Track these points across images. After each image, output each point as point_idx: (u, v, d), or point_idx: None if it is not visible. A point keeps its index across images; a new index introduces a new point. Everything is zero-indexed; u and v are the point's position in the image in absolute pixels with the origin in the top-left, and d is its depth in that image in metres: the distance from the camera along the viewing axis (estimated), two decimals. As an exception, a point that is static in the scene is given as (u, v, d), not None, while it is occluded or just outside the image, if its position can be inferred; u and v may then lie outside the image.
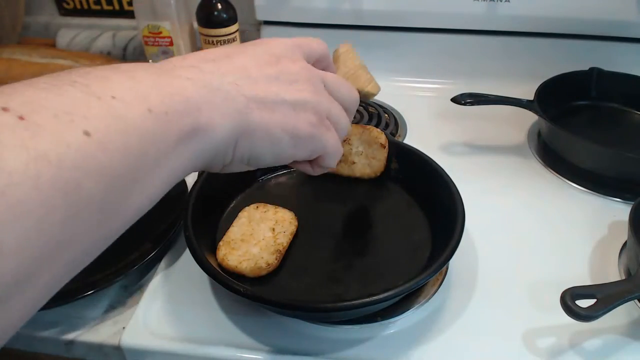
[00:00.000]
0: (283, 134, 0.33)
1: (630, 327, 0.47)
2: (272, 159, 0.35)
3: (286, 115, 0.34)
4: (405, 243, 0.53)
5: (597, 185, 0.64)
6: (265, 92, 0.33)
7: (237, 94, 0.31)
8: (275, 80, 0.34)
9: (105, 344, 0.48)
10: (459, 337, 0.47)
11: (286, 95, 0.34)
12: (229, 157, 0.32)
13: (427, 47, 0.87)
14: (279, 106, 0.33)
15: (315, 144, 0.36)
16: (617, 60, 0.79)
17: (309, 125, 0.35)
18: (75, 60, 0.86)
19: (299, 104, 0.34)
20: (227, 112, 0.30)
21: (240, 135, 0.31)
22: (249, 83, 0.32)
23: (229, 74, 0.32)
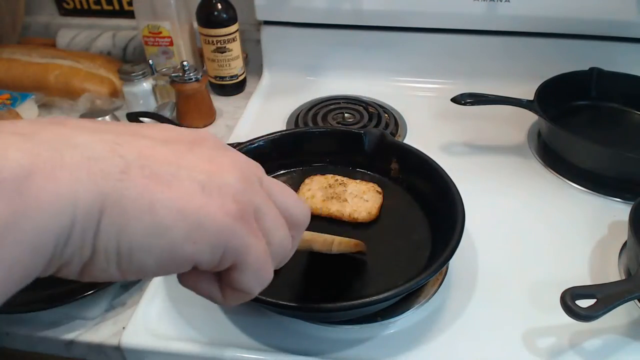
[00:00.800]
0: (176, 219, 0.22)
1: (630, 327, 0.47)
2: (155, 256, 0.22)
3: (188, 194, 0.22)
4: (405, 243, 0.53)
5: (597, 185, 0.64)
6: (163, 159, 0.22)
7: (111, 154, 0.21)
8: (186, 152, 0.24)
9: (105, 344, 0.48)
10: (459, 337, 0.47)
11: (198, 169, 0.23)
12: (87, 249, 0.21)
13: (427, 47, 0.87)
14: (180, 181, 0.22)
15: (229, 242, 0.24)
16: (617, 60, 0.79)
17: (223, 214, 0.23)
18: (75, 60, 0.86)
19: (213, 184, 0.23)
20: (85, 176, 0.20)
21: (103, 211, 0.20)
22: (138, 145, 0.22)
23: (108, 132, 0.22)
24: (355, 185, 0.59)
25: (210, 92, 0.85)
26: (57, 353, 0.50)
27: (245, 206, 0.24)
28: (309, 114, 0.80)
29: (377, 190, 0.58)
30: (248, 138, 0.61)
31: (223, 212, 0.23)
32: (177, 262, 0.23)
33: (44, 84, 0.84)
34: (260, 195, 0.26)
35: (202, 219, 0.22)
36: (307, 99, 0.85)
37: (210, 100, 0.82)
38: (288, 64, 0.91)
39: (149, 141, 0.23)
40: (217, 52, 0.83)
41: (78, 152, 0.20)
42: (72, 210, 0.19)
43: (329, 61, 0.91)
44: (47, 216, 0.19)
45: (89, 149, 0.20)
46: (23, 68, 0.86)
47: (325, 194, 0.58)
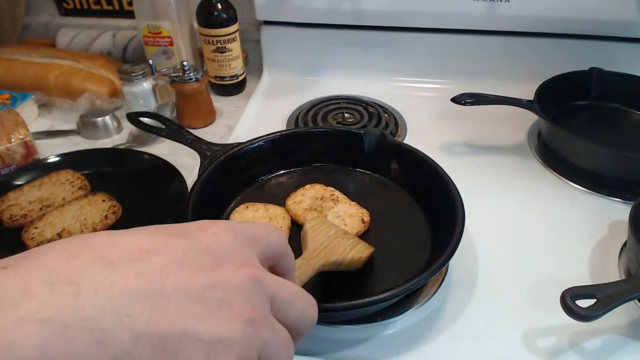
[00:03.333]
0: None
1: (630, 327, 0.47)
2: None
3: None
4: (405, 243, 0.53)
5: (597, 185, 0.64)
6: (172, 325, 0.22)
7: (122, 332, 0.20)
8: (198, 301, 0.23)
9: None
10: (459, 337, 0.47)
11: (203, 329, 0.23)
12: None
13: (427, 47, 0.87)
14: (186, 349, 0.22)
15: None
16: (617, 60, 0.79)
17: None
18: (75, 60, 0.86)
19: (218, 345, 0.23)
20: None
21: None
22: (151, 307, 0.22)
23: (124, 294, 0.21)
24: (347, 206, 0.56)
25: (210, 92, 0.85)
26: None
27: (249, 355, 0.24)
28: (309, 114, 0.80)
29: (362, 219, 0.55)
30: (248, 138, 0.61)
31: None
32: None
33: (44, 84, 0.84)
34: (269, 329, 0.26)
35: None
36: (307, 99, 0.85)
37: (210, 100, 0.82)
38: (288, 64, 0.91)
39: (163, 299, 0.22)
40: (217, 52, 0.83)
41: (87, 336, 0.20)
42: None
43: (329, 61, 0.91)
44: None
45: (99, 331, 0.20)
46: (23, 68, 0.86)
47: (312, 204, 0.56)
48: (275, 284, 0.27)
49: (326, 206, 0.56)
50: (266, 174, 0.62)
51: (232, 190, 0.59)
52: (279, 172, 0.63)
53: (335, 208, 0.56)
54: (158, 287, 0.22)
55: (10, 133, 0.69)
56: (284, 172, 0.63)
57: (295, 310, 0.28)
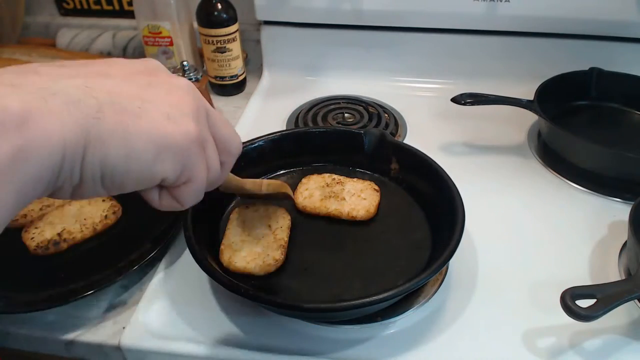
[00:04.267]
0: (147, 144, 0.26)
1: (630, 327, 0.47)
2: (132, 177, 0.27)
3: (156, 122, 0.27)
4: (406, 243, 0.53)
5: (597, 185, 0.64)
6: (130, 95, 0.27)
7: (85, 96, 0.25)
8: (147, 86, 0.28)
9: (105, 344, 0.48)
10: (459, 337, 0.47)
11: (159, 101, 0.28)
12: (76, 177, 0.25)
13: (427, 47, 0.87)
14: (146, 112, 0.27)
15: (189, 161, 0.29)
16: (617, 60, 0.79)
17: (186, 136, 0.28)
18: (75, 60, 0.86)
19: (176, 112, 0.28)
20: (69, 119, 0.24)
21: (88, 146, 0.25)
22: (107, 86, 0.26)
23: (77, 77, 0.26)
24: (353, 183, 0.59)
25: (210, 92, 0.85)
26: (57, 353, 0.50)
27: (199, 133, 0.29)
28: (309, 114, 0.80)
29: (374, 188, 0.58)
30: (248, 138, 0.61)
31: (185, 137, 0.28)
32: (149, 179, 0.28)
33: (44, 84, 0.84)
34: (206, 127, 0.31)
35: (168, 142, 0.27)
36: (307, 99, 0.85)
37: (210, 100, 0.82)
38: (288, 64, 0.91)
39: (114, 80, 0.27)
40: (217, 52, 0.83)
41: (58, 99, 0.24)
42: (62, 147, 0.23)
43: (329, 61, 0.91)
44: (44, 153, 0.23)
45: (66, 95, 0.24)
46: (23, 68, 0.86)
47: (323, 193, 0.58)
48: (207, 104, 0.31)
49: (337, 189, 0.58)
50: (266, 174, 0.62)
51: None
52: (279, 172, 0.63)
53: (345, 188, 0.58)
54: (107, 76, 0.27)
55: (10, 133, 0.69)
56: (284, 172, 0.63)
57: (226, 128, 0.33)
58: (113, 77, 0.27)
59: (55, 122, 0.23)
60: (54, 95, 0.24)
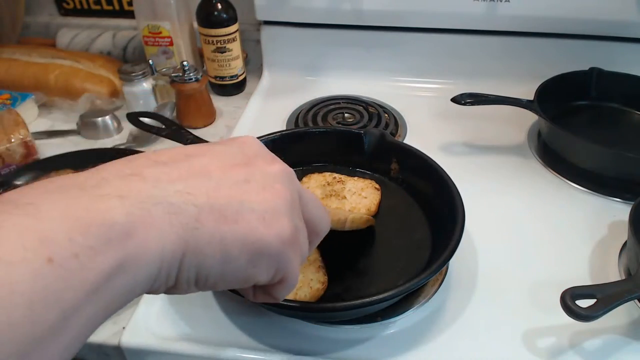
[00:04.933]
0: (241, 250, 0.26)
1: (630, 327, 0.47)
2: (226, 281, 0.27)
3: (251, 227, 0.27)
4: (405, 243, 0.53)
5: (597, 185, 0.64)
6: (227, 199, 0.26)
7: (186, 205, 0.25)
8: (243, 184, 0.28)
9: (105, 344, 0.48)
10: (459, 337, 0.47)
11: (255, 201, 0.27)
12: (171, 281, 0.26)
13: (427, 47, 0.87)
14: (242, 216, 0.26)
15: (283, 264, 0.29)
16: (617, 60, 0.79)
17: (280, 240, 0.28)
18: (75, 60, 0.86)
19: (271, 212, 0.27)
20: (170, 230, 0.24)
21: (186, 254, 0.25)
22: (206, 189, 0.26)
23: (179, 180, 0.26)
24: (353, 182, 0.59)
25: (210, 92, 0.85)
26: (57, 353, 0.50)
27: (294, 231, 0.29)
28: (309, 114, 0.80)
29: (375, 187, 0.58)
30: (248, 138, 0.61)
31: (279, 240, 0.27)
32: (242, 281, 0.28)
33: (44, 84, 0.84)
34: (300, 214, 0.31)
35: (262, 247, 0.27)
36: (307, 99, 0.85)
37: (210, 100, 0.82)
38: (288, 64, 0.91)
39: (212, 181, 0.27)
40: (217, 52, 0.83)
41: (160, 209, 0.24)
42: (160, 258, 0.24)
43: (329, 61, 0.91)
44: (143, 267, 0.23)
45: (168, 205, 0.24)
46: (23, 68, 0.86)
47: (324, 192, 0.58)
48: (299, 185, 0.32)
49: (338, 188, 0.58)
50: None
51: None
52: (279, 172, 0.63)
53: (346, 187, 0.58)
54: (207, 175, 0.27)
55: (10, 133, 0.69)
56: (284, 172, 0.63)
57: (317, 210, 0.33)
58: (212, 175, 0.27)
59: (156, 234, 0.23)
60: (156, 205, 0.24)
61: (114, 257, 0.22)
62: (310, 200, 0.32)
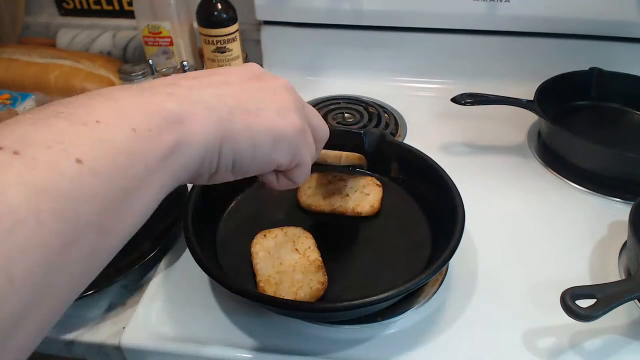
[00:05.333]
0: (266, 138, 0.33)
1: (630, 327, 0.47)
2: (256, 164, 0.34)
3: (271, 119, 0.34)
4: (405, 243, 0.53)
5: (597, 185, 0.64)
6: (249, 99, 0.33)
7: (219, 103, 0.31)
8: (258, 91, 0.34)
9: (105, 344, 0.48)
10: (459, 337, 0.47)
11: (270, 102, 0.34)
12: (214, 166, 0.32)
13: (427, 47, 0.87)
14: (263, 111, 0.33)
15: (298, 149, 0.36)
16: (617, 60, 0.79)
17: (294, 129, 0.35)
18: (75, 60, 0.86)
19: (283, 109, 0.35)
20: (210, 121, 0.30)
21: (223, 142, 0.31)
22: (231, 93, 0.33)
23: (209, 87, 0.32)
24: (354, 180, 0.59)
25: (210, 92, 0.85)
26: (57, 353, 0.50)
27: (304, 124, 0.36)
28: (309, 114, 0.79)
29: (376, 184, 0.59)
30: (248, 138, 0.61)
31: (293, 129, 0.35)
32: (268, 164, 0.35)
33: (44, 84, 0.84)
34: (305, 118, 0.37)
35: (282, 134, 0.34)
36: (307, 99, 0.85)
37: (210, 100, 0.82)
38: (288, 64, 0.91)
39: (235, 87, 0.33)
40: (217, 52, 0.83)
41: (201, 106, 0.30)
42: (205, 143, 0.30)
43: (329, 61, 0.91)
44: (194, 147, 0.29)
45: (205, 102, 0.30)
46: (23, 68, 0.86)
47: (327, 190, 0.58)
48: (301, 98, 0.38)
49: (340, 186, 0.59)
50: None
51: (233, 190, 0.59)
52: (279, 172, 0.63)
53: (348, 184, 0.59)
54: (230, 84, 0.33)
55: (10, 133, 0.69)
56: (284, 172, 0.63)
57: (317, 119, 0.40)
58: (233, 84, 0.34)
59: (201, 123, 0.29)
60: (197, 103, 0.30)
61: (172, 136, 0.27)
62: (310, 110, 0.39)
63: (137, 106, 0.27)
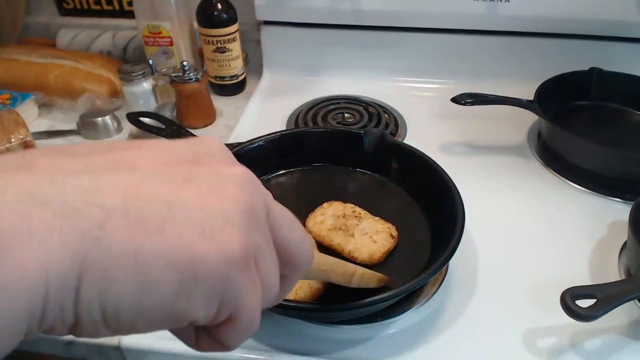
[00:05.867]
0: (166, 272, 0.19)
1: (630, 327, 0.47)
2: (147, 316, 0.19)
3: (184, 239, 0.19)
4: (405, 243, 0.53)
5: (597, 185, 0.64)
6: (153, 198, 0.19)
7: (88, 205, 0.18)
8: (183, 183, 0.20)
9: (105, 344, 0.48)
10: (459, 337, 0.47)
11: (194, 204, 0.20)
12: (69, 316, 0.18)
13: (427, 47, 0.87)
14: (171, 224, 0.19)
15: (230, 292, 0.20)
16: (617, 60, 0.79)
17: (223, 261, 0.20)
18: (75, 60, 0.86)
19: (217, 221, 0.20)
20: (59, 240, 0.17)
21: (82, 276, 0.18)
22: (123, 185, 0.19)
23: (86, 173, 0.19)
24: (372, 222, 0.54)
25: (210, 92, 0.85)
26: (57, 353, 0.50)
27: (246, 249, 0.20)
28: (309, 114, 0.79)
29: (391, 234, 0.53)
30: (248, 138, 0.61)
31: (223, 259, 0.20)
32: (170, 320, 0.20)
33: (44, 84, 0.84)
34: (264, 232, 0.22)
35: (197, 268, 0.19)
36: (307, 99, 0.85)
37: (210, 100, 0.82)
38: (288, 64, 0.91)
39: (138, 174, 0.19)
40: (217, 52, 0.83)
41: (47, 210, 0.17)
42: (44, 284, 0.17)
43: (329, 61, 0.91)
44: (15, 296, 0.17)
45: (60, 204, 0.18)
46: (23, 68, 0.86)
47: (335, 223, 0.54)
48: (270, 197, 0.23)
49: (350, 224, 0.53)
50: (266, 174, 0.62)
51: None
52: (279, 172, 0.63)
53: (360, 225, 0.53)
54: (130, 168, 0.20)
55: (10, 133, 0.69)
56: (284, 172, 0.63)
57: (293, 233, 0.24)
58: (139, 169, 0.20)
59: (37, 247, 0.17)
60: (42, 206, 0.17)
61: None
62: (284, 219, 0.24)
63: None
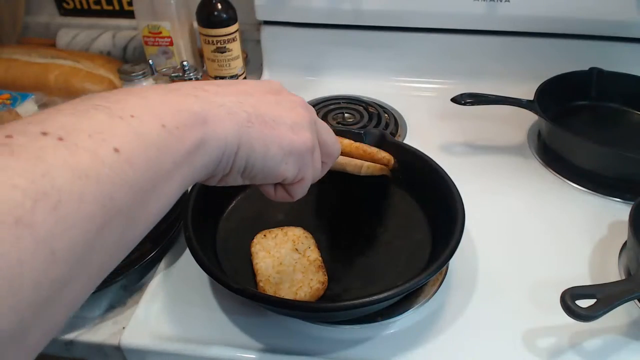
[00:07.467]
0: (278, 149, 0.34)
1: (630, 327, 0.47)
2: (264, 173, 0.35)
3: (284, 133, 0.35)
4: (405, 243, 0.53)
5: (597, 185, 0.64)
6: (266, 111, 0.35)
7: (240, 110, 0.33)
8: (275, 104, 0.36)
9: (105, 344, 0.48)
10: (459, 337, 0.47)
11: (286, 116, 0.36)
12: (228, 168, 0.33)
13: (427, 47, 0.87)
14: (278, 124, 0.35)
15: (304, 166, 0.37)
16: (617, 60, 0.79)
17: (304, 145, 0.36)
18: (75, 60, 0.86)
19: (297, 125, 0.36)
20: (230, 124, 0.32)
21: (240, 146, 0.32)
22: (251, 102, 0.34)
23: (231, 94, 0.34)
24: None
25: (210, 92, 0.85)
26: (57, 353, 0.50)
27: (313, 142, 0.37)
28: (309, 114, 0.79)
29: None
30: (248, 138, 0.61)
31: (303, 145, 0.36)
32: (275, 175, 0.35)
33: (44, 84, 0.84)
34: (316, 135, 0.38)
35: (292, 148, 0.35)
36: (307, 99, 0.85)
37: (210, 100, 0.82)
38: (288, 64, 0.91)
39: (255, 98, 0.35)
40: (217, 52, 0.83)
41: (223, 109, 0.32)
42: (225, 144, 0.31)
43: (329, 61, 0.91)
44: (214, 147, 0.30)
45: (228, 107, 0.32)
46: (23, 68, 0.86)
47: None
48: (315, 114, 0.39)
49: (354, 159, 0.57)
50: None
51: (233, 190, 0.59)
52: (279, 172, 0.63)
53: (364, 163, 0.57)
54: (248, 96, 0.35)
55: (10, 133, 0.69)
56: (284, 172, 0.63)
57: (329, 135, 0.41)
58: (253, 95, 0.35)
59: (223, 125, 0.31)
60: (220, 106, 0.32)
61: (197, 134, 0.29)
62: (323, 127, 0.40)
63: (167, 105, 0.29)
